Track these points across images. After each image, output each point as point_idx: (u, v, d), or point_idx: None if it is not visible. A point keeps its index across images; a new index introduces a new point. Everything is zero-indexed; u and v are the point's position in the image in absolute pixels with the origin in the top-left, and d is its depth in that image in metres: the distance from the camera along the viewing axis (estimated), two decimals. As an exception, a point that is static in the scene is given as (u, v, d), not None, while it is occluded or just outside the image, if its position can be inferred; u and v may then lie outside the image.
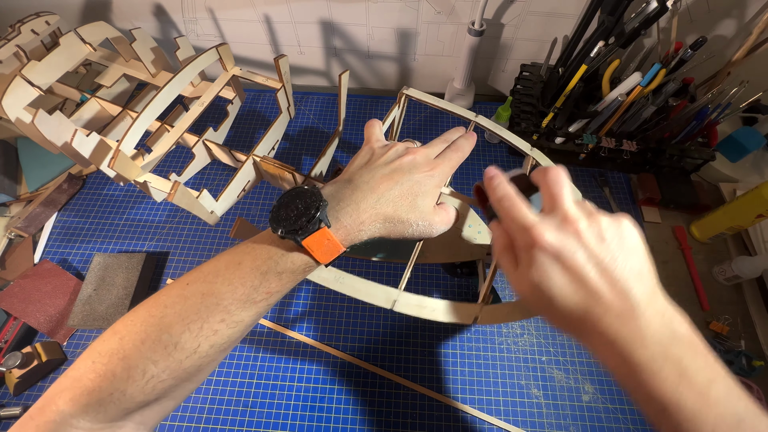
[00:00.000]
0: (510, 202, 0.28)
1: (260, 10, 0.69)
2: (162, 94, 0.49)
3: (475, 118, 0.48)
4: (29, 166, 0.67)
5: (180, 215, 0.64)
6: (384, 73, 0.81)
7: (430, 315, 0.35)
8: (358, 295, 0.35)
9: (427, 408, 0.51)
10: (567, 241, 0.25)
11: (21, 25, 0.58)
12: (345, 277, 0.36)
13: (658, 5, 0.48)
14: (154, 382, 0.25)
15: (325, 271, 0.36)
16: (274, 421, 0.50)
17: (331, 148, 0.56)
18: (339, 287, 0.35)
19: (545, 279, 0.25)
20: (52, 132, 0.50)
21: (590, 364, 0.53)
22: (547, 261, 0.25)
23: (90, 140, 0.50)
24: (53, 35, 0.62)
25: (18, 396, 0.50)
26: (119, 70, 0.64)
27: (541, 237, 0.25)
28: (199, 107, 0.57)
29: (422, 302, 0.35)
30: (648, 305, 0.24)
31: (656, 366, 0.22)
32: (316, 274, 0.35)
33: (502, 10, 0.65)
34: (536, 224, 0.25)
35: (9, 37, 0.57)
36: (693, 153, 0.63)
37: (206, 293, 0.27)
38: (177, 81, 0.51)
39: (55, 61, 0.56)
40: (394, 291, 0.36)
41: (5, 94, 0.50)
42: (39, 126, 0.47)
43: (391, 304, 0.35)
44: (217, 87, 0.59)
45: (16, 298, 0.55)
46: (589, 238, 0.25)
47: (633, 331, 0.23)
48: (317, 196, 0.28)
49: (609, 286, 0.24)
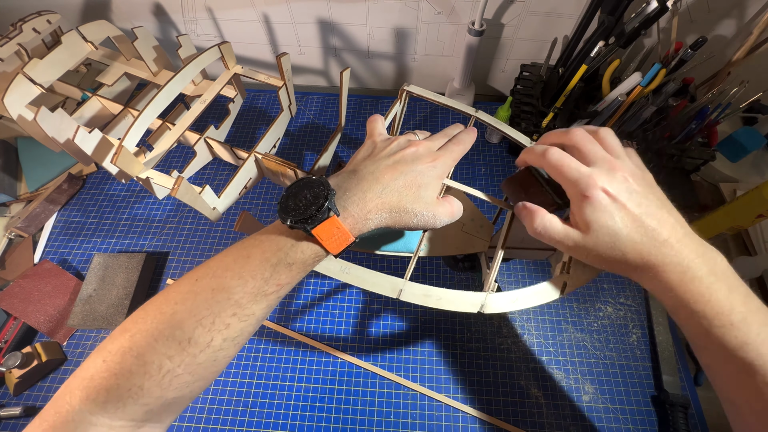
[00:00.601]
0: (562, 160, 0.29)
1: (260, 10, 0.69)
2: (164, 92, 0.49)
3: (476, 113, 0.48)
4: (29, 166, 0.67)
5: (180, 215, 0.64)
6: (384, 73, 0.81)
7: (436, 303, 0.35)
8: (364, 285, 0.35)
9: (427, 408, 0.51)
10: (619, 185, 0.27)
11: (23, 23, 0.58)
12: (351, 267, 0.36)
13: (658, 5, 0.48)
14: (170, 376, 0.26)
15: (331, 262, 0.36)
16: (274, 421, 0.50)
17: (333, 145, 0.56)
18: (345, 277, 0.35)
19: (608, 217, 0.27)
20: (54, 129, 0.50)
21: (590, 364, 0.53)
22: (607, 201, 0.27)
23: (92, 137, 0.50)
24: (54, 34, 0.62)
25: (18, 396, 0.50)
26: (120, 69, 0.64)
27: (600, 179, 0.27)
28: (201, 105, 0.57)
29: (428, 291, 0.36)
30: (690, 239, 0.28)
31: (711, 280, 0.26)
32: (322, 265, 0.36)
33: (502, 10, 0.65)
34: (593, 171, 0.28)
35: (11, 35, 0.57)
36: (693, 153, 0.63)
37: (216, 288, 0.27)
38: (179, 79, 0.51)
39: (56, 59, 0.56)
40: (400, 280, 0.36)
41: (7, 92, 0.50)
42: (41, 123, 0.47)
43: (397, 293, 0.35)
44: (219, 85, 0.59)
45: (16, 298, 0.55)
46: (633, 182, 0.28)
47: (688, 254, 0.27)
48: (326, 186, 0.28)
49: (660, 224, 0.27)
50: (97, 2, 0.70)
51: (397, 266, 0.60)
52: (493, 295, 0.36)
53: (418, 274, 0.59)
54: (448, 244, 0.46)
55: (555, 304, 0.58)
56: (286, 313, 0.57)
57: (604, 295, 0.58)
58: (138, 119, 0.46)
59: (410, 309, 0.57)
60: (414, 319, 0.56)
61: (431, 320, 0.56)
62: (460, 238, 0.47)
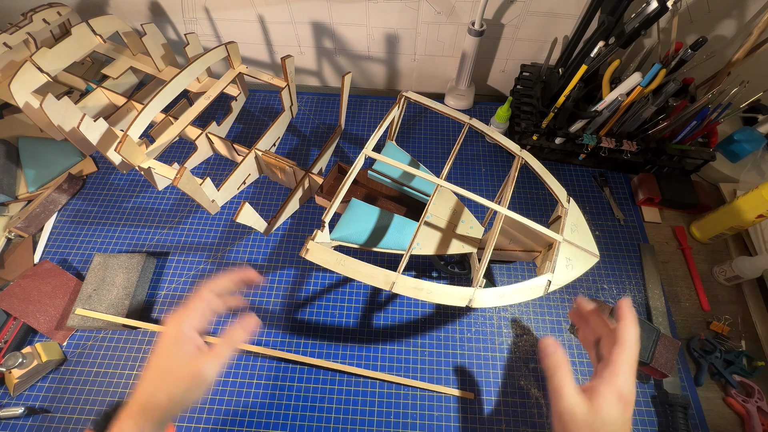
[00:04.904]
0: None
1: (260, 11, 0.69)
2: (170, 86, 0.50)
3: (470, 120, 0.49)
4: (29, 166, 0.67)
5: (180, 215, 0.64)
6: (384, 73, 0.81)
7: (427, 297, 0.37)
8: (359, 277, 0.37)
9: (427, 408, 0.51)
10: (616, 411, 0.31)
11: (33, 13, 0.59)
12: (346, 260, 0.37)
13: (659, 5, 0.48)
14: None
15: (327, 254, 0.37)
16: (274, 422, 0.50)
17: (332, 145, 0.56)
18: (341, 269, 0.37)
19: (611, 408, 0.31)
20: (59, 117, 0.50)
21: (590, 365, 0.53)
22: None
23: (97, 126, 0.50)
24: (62, 26, 0.63)
25: (18, 396, 0.50)
26: (126, 63, 0.65)
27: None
28: (205, 101, 0.57)
29: (419, 285, 0.37)
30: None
31: None
32: (318, 256, 0.37)
33: (502, 10, 0.65)
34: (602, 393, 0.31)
35: (21, 24, 0.58)
36: (693, 153, 0.63)
37: None
38: (186, 74, 0.52)
39: (65, 50, 0.57)
40: (393, 273, 0.37)
41: (14, 78, 0.51)
42: (47, 110, 0.48)
43: (390, 285, 0.37)
44: (224, 83, 0.60)
45: (16, 298, 0.55)
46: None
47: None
48: None
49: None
50: (97, 3, 0.70)
51: (390, 264, 0.60)
52: (481, 291, 0.38)
53: (410, 272, 0.59)
54: (440, 244, 0.48)
55: (555, 304, 0.58)
56: (288, 310, 0.57)
57: (604, 295, 0.58)
58: (143, 111, 0.47)
59: (410, 309, 0.57)
60: (414, 319, 0.56)
61: (431, 320, 0.56)
62: (452, 240, 0.48)
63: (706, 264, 0.61)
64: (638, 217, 0.65)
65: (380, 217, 0.49)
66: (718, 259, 0.61)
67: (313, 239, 0.39)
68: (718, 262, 0.60)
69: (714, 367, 0.53)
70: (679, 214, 0.66)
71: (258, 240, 0.62)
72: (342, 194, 0.41)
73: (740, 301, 0.58)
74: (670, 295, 0.59)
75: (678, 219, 0.65)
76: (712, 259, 0.62)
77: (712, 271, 0.61)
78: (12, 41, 0.57)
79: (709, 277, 0.60)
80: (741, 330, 0.56)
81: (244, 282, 0.38)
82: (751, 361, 0.53)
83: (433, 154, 0.72)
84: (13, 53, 0.58)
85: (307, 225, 0.64)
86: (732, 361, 0.53)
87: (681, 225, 0.64)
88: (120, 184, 0.68)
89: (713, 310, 0.57)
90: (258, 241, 0.62)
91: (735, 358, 0.53)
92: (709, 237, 0.62)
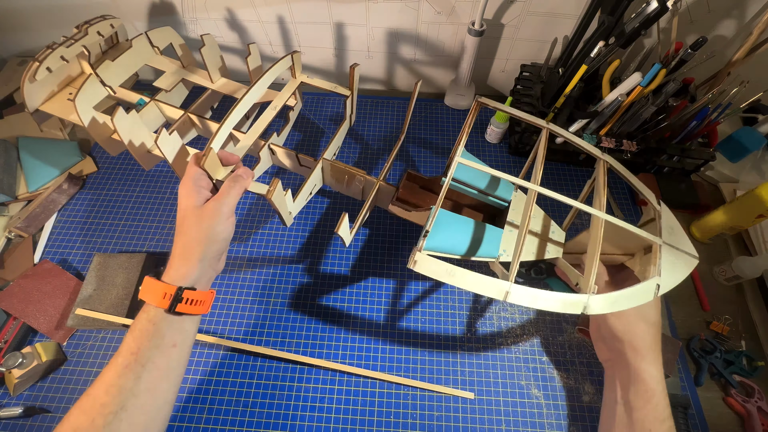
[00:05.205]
0: None
1: (260, 11, 0.69)
2: (245, 100, 0.50)
3: (546, 124, 0.48)
4: (29, 166, 0.67)
5: (180, 215, 0.64)
6: (384, 73, 0.81)
7: (544, 306, 0.37)
8: (470, 287, 0.36)
9: (427, 408, 0.51)
10: None
11: (88, 26, 0.59)
12: (456, 270, 0.36)
13: (659, 5, 0.48)
14: None
15: (435, 264, 0.37)
16: (274, 422, 0.50)
17: (394, 152, 0.57)
18: (450, 279, 0.36)
19: None
20: (127, 131, 0.51)
21: (590, 365, 0.53)
22: None
23: (172, 140, 0.51)
24: (109, 39, 0.64)
25: (18, 396, 0.50)
26: (178, 75, 0.65)
27: None
28: (272, 111, 0.58)
29: (536, 294, 0.37)
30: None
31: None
32: (426, 267, 0.37)
33: (502, 10, 0.65)
34: None
35: (76, 37, 0.58)
36: (693, 153, 0.63)
37: None
38: (258, 86, 0.52)
39: (125, 62, 0.57)
40: (505, 283, 0.37)
41: (80, 92, 0.51)
42: (117, 124, 0.48)
43: (504, 295, 0.36)
44: (287, 93, 0.60)
45: (16, 298, 0.55)
46: None
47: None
48: None
49: None
50: (97, 3, 0.69)
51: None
52: (594, 297, 0.37)
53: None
54: (524, 250, 0.45)
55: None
56: (288, 310, 0.57)
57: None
58: (224, 124, 0.47)
59: (410, 309, 0.57)
60: (414, 320, 0.56)
61: (431, 320, 0.56)
62: (536, 245, 0.48)
63: (706, 264, 0.61)
64: (638, 217, 0.65)
65: (470, 226, 0.47)
66: (718, 259, 0.61)
67: (420, 250, 0.38)
68: (718, 262, 0.60)
69: (714, 367, 0.53)
70: (679, 214, 0.65)
71: (258, 240, 0.63)
72: (440, 202, 0.41)
73: (740, 301, 0.58)
74: (670, 295, 0.59)
75: (678, 219, 0.65)
76: (712, 259, 0.62)
77: (712, 271, 0.61)
78: (68, 54, 0.57)
79: (709, 277, 0.60)
80: (741, 330, 0.56)
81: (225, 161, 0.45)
82: (751, 361, 0.53)
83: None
84: (69, 67, 0.58)
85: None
86: (732, 361, 0.53)
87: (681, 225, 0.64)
88: (120, 184, 0.68)
89: (713, 310, 0.57)
90: (258, 241, 0.63)
91: (735, 358, 0.53)
92: (709, 237, 0.62)
